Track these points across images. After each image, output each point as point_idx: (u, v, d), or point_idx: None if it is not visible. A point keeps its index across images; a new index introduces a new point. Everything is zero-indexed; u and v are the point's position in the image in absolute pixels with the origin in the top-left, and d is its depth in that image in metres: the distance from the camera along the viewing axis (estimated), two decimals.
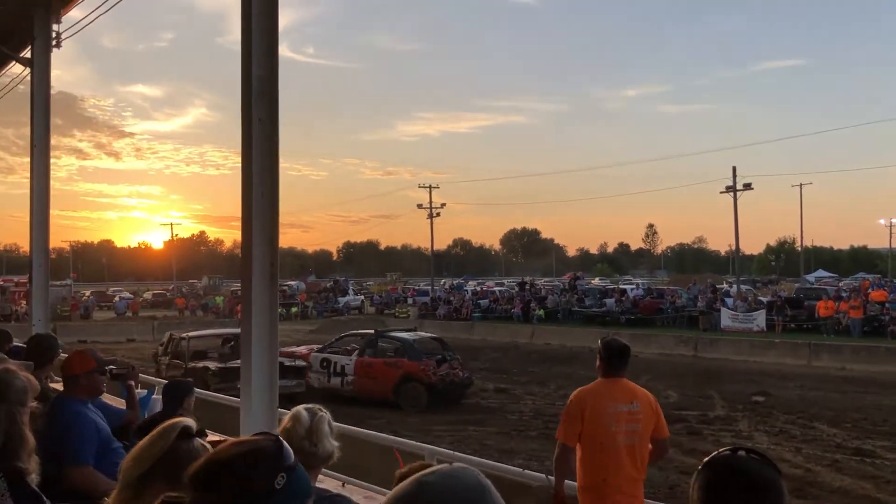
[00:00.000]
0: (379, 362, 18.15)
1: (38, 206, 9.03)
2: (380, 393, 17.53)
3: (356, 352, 18.76)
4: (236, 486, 1.52)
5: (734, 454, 1.60)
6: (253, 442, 1.60)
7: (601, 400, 4.63)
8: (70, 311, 44.96)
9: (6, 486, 2.40)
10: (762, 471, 1.55)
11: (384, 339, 19.40)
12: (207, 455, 1.59)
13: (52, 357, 4.89)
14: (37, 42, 8.86)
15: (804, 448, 13.12)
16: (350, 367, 18.16)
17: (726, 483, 1.55)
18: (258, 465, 1.54)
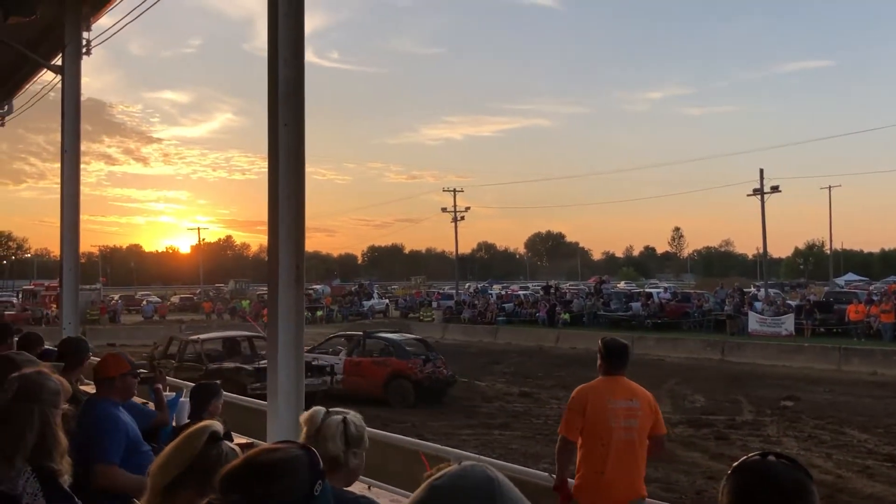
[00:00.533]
0: (367, 361, 19.03)
1: (69, 211, 9.16)
2: (369, 390, 18.20)
3: (343, 352, 19.69)
4: (283, 490, 1.55)
5: (764, 459, 1.56)
6: (287, 449, 1.63)
7: (601, 396, 4.80)
8: (98, 314, 45.53)
9: (39, 485, 2.44)
10: (793, 476, 1.52)
11: (372, 339, 20.33)
12: (246, 461, 1.60)
13: (82, 360, 4.95)
14: (67, 50, 9.00)
15: (834, 454, 12.92)
16: (339, 367, 18.83)
17: (756, 488, 1.51)
18: (300, 472, 1.58)
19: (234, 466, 1.61)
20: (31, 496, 2.43)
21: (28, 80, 11.64)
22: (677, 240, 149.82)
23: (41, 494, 2.44)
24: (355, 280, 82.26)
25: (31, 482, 2.44)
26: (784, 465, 1.54)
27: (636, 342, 31.65)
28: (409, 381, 18.29)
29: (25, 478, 2.44)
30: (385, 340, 20.10)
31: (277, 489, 1.54)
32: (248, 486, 1.55)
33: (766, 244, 46.10)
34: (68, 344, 5.22)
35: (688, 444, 13.78)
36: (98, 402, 3.95)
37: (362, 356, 19.36)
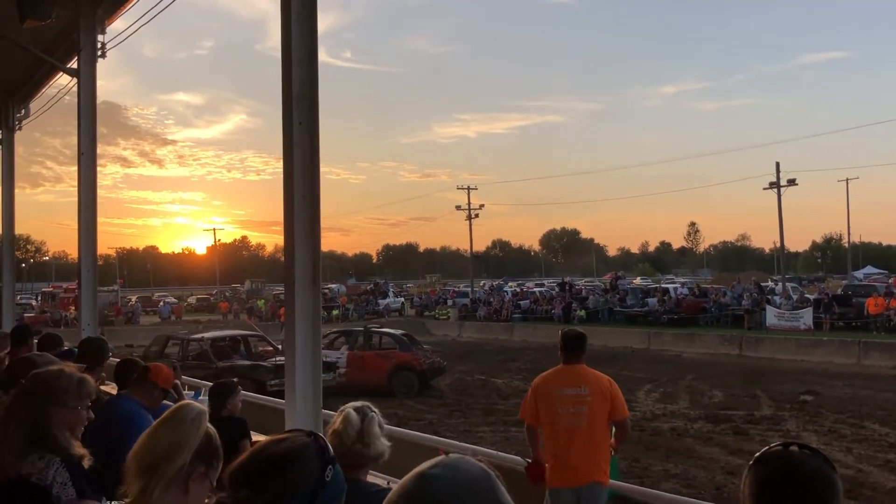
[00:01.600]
0: (371, 354, 20.03)
1: (86, 214, 9.21)
2: (373, 382, 18.88)
3: (344, 347, 20.43)
4: (293, 480, 1.54)
5: (786, 449, 1.55)
6: (294, 438, 1.61)
7: (549, 383, 5.26)
8: (114, 315, 45.86)
9: (68, 475, 2.49)
10: (815, 466, 1.51)
11: (374, 334, 21.40)
12: (253, 454, 1.58)
13: (102, 359, 4.99)
14: (83, 53, 9.05)
15: (855, 448, 12.82)
16: (342, 361, 19.62)
17: (778, 478, 1.50)
18: (309, 460, 1.56)
19: (241, 461, 1.59)
20: (60, 486, 2.47)
21: (44, 84, 11.73)
22: (693, 235, 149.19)
23: (70, 484, 2.48)
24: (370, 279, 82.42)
25: (60, 472, 2.49)
26: (807, 455, 1.53)
27: (653, 338, 31.60)
28: (413, 372, 19.42)
29: (55, 468, 2.49)
30: (387, 335, 21.27)
31: (287, 480, 1.53)
32: (258, 479, 1.53)
33: (783, 238, 45.82)
34: (88, 344, 5.27)
35: (706, 440, 13.71)
36: (125, 401, 3.96)
37: (365, 350, 20.26)
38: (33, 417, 2.56)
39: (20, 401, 2.62)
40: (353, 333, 21.54)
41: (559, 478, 5.08)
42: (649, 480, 10.37)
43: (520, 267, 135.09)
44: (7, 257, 14.09)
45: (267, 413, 7.89)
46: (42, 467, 2.49)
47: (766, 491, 1.51)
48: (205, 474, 1.98)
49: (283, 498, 1.52)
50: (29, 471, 2.47)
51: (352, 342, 20.67)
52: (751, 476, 1.54)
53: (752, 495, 1.52)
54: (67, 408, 2.65)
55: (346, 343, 20.85)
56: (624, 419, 5.28)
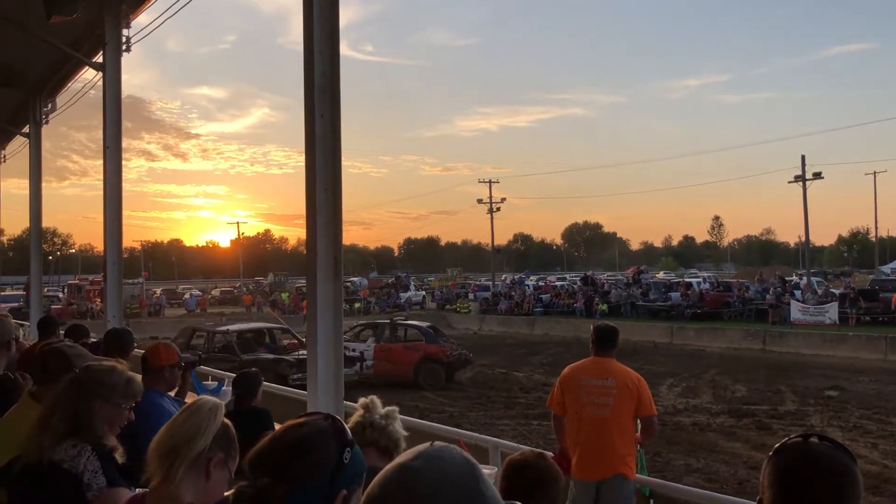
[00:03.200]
0: (398, 347, 20.13)
1: (111, 207, 9.30)
2: (400, 374, 19.07)
3: (371, 339, 20.46)
4: (311, 464, 1.55)
5: (806, 440, 1.54)
6: (312, 422, 1.63)
7: (577, 374, 5.31)
8: (139, 307, 46.35)
9: (98, 463, 2.55)
10: (835, 457, 1.50)
11: (400, 326, 21.45)
12: (272, 441, 1.60)
13: (127, 350, 5.04)
14: (108, 47, 9.14)
15: (881, 444, 12.69)
16: (369, 353, 19.68)
17: (797, 468, 1.50)
18: (328, 444, 1.57)
19: (260, 448, 1.59)
20: (91, 473, 2.53)
21: (70, 78, 11.86)
22: (717, 229, 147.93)
23: (101, 472, 2.54)
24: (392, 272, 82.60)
25: (91, 460, 2.55)
26: (827, 447, 1.52)
27: (675, 332, 31.43)
28: (439, 365, 19.52)
29: (86, 456, 2.55)
30: (413, 327, 21.50)
31: (306, 465, 1.53)
32: (277, 466, 1.54)
33: (808, 232, 45.27)
34: (114, 335, 5.32)
35: (729, 435, 13.63)
36: (147, 393, 3.98)
37: (392, 342, 20.29)
38: (77, 408, 2.63)
39: (68, 390, 2.68)
40: (380, 326, 21.62)
41: (582, 469, 5.10)
42: (671, 475, 10.34)
43: (542, 261, 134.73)
44: (34, 250, 14.29)
45: (289, 404, 7.94)
46: (74, 455, 2.55)
47: (785, 481, 1.50)
48: (224, 461, 2.07)
49: (303, 482, 1.53)
50: (62, 457, 2.54)
51: (378, 334, 20.75)
52: (770, 466, 1.54)
53: (771, 485, 1.52)
54: (111, 403, 2.71)
55: (373, 335, 20.92)
56: (651, 416, 5.26)
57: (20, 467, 2.60)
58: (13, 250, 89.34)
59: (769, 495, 1.52)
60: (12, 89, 12.29)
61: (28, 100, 12.90)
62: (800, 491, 1.48)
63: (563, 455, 5.27)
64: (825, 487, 1.47)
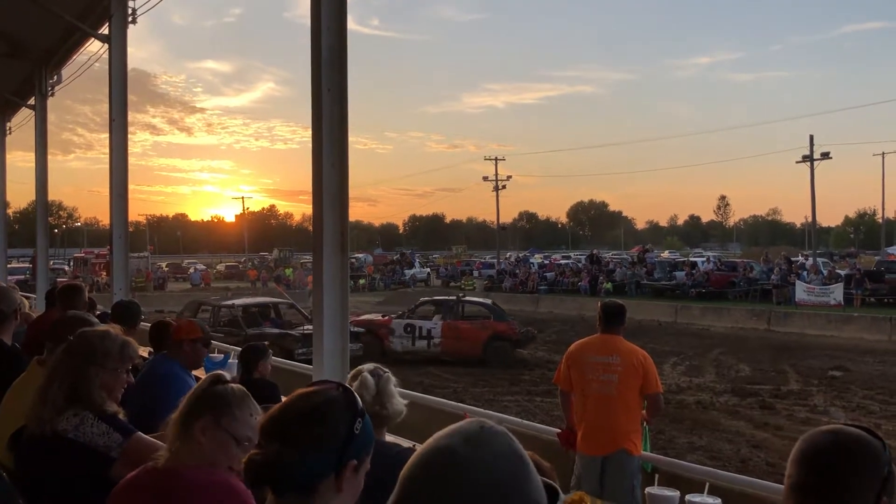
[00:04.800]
0: (466, 324, 20.19)
1: (117, 181, 9.31)
2: (468, 352, 19.30)
3: (438, 316, 20.48)
4: (323, 433, 1.56)
5: (840, 425, 1.57)
6: (324, 391, 1.63)
7: (583, 350, 5.35)
8: (144, 281, 46.50)
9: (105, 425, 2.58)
10: (859, 435, 1.52)
11: (466, 303, 21.58)
12: (283, 408, 1.60)
13: (135, 323, 5.07)
14: (114, 19, 9.10)
15: (884, 424, 12.70)
16: (437, 330, 19.79)
17: (821, 443, 1.52)
18: (338, 413, 1.58)
19: (272, 415, 1.60)
20: (104, 436, 2.57)
21: (76, 51, 11.81)
22: (723, 208, 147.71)
23: (113, 430, 2.57)
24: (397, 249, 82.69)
25: (97, 424, 2.57)
26: (857, 432, 1.54)
27: (680, 312, 31.42)
28: (508, 342, 19.67)
29: (90, 424, 2.57)
30: (480, 304, 21.89)
31: (317, 434, 1.54)
32: (288, 433, 1.55)
33: (815, 213, 45.07)
34: (121, 307, 5.36)
35: (732, 413, 13.67)
36: (164, 362, 4.01)
37: (459, 319, 20.40)
38: (74, 376, 2.64)
39: (64, 360, 2.70)
40: (446, 303, 21.56)
41: (587, 444, 5.15)
42: (674, 452, 10.39)
43: (547, 239, 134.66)
44: (41, 223, 14.32)
45: (294, 379, 7.98)
46: (77, 423, 2.56)
47: (807, 451, 1.53)
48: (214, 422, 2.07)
49: (315, 451, 1.54)
50: (65, 427, 2.55)
51: (445, 312, 20.72)
52: (798, 445, 1.56)
53: (794, 461, 1.54)
54: (107, 369, 2.72)
55: (439, 312, 20.91)
56: (656, 393, 5.30)
57: (25, 437, 2.62)
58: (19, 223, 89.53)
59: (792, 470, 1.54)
60: (18, 61, 12.25)
61: (34, 72, 12.86)
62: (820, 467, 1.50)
63: (569, 430, 5.35)
64: (845, 466, 1.48)
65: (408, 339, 19.77)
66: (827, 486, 1.48)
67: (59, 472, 2.52)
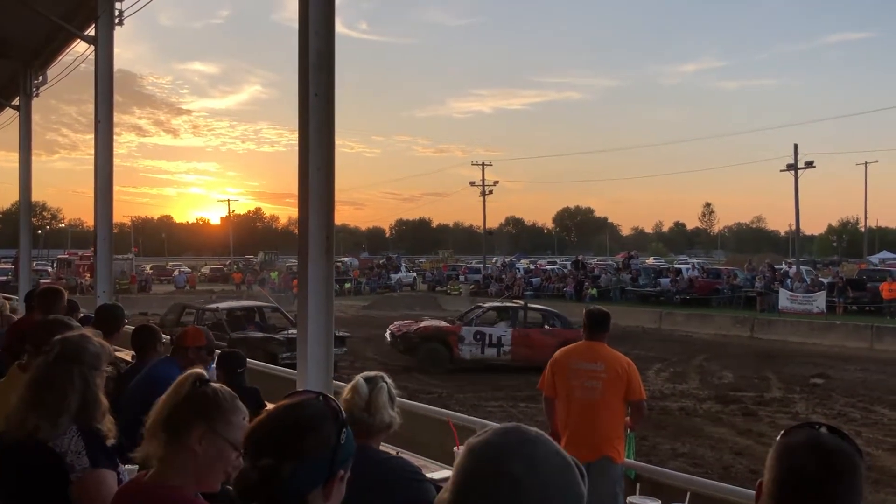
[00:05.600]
0: (536, 331, 19.89)
1: (102, 181, 9.24)
2: (538, 359, 19.01)
3: (504, 323, 20.25)
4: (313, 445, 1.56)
5: (812, 428, 1.54)
6: (307, 402, 1.62)
7: (567, 357, 5.39)
8: (129, 283, 46.16)
9: (83, 444, 2.51)
10: (837, 445, 1.50)
11: (532, 310, 21.26)
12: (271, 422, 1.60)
13: (118, 326, 5.04)
14: (100, 20, 9.04)
15: (864, 431, 12.81)
16: (507, 338, 19.48)
17: (798, 450, 1.50)
18: (326, 424, 1.59)
19: (260, 429, 1.60)
20: (74, 454, 2.49)
21: (62, 51, 11.74)
22: (708, 216, 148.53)
23: (85, 453, 2.50)
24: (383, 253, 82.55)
25: (75, 440, 2.52)
26: (831, 436, 1.52)
27: (664, 318, 31.55)
28: None
29: (70, 436, 2.52)
30: (547, 311, 21.67)
31: (309, 446, 1.55)
32: (280, 446, 1.55)
33: (798, 221, 45.56)
34: (104, 311, 5.32)
35: (715, 420, 13.74)
36: (167, 365, 4.01)
37: (527, 327, 20.10)
38: (60, 382, 2.59)
39: (52, 365, 2.65)
40: (512, 310, 21.09)
41: (571, 451, 5.03)
42: (657, 459, 10.42)
43: (533, 244, 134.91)
44: (24, 223, 14.23)
45: (278, 383, 7.94)
46: (60, 433, 2.52)
47: (784, 459, 1.51)
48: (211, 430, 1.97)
49: (307, 463, 1.54)
50: (46, 436, 2.50)
51: (513, 318, 20.36)
52: (774, 450, 1.54)
53: (771, 468, 1.52)
54: (98, 372, 2.69)
55: (505, 319, 20.55)
56: (640, 400, 5.33)
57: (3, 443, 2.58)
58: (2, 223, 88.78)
59: (768, 477, 1.53)
60: (3, 60, 12.18)
61: (18, 72, 12.77)
62: (797, 474, 1.48)
63: (553, 437, 5.29)
64: (823, 473, 1.47)
65: (477, 347, 19.48)
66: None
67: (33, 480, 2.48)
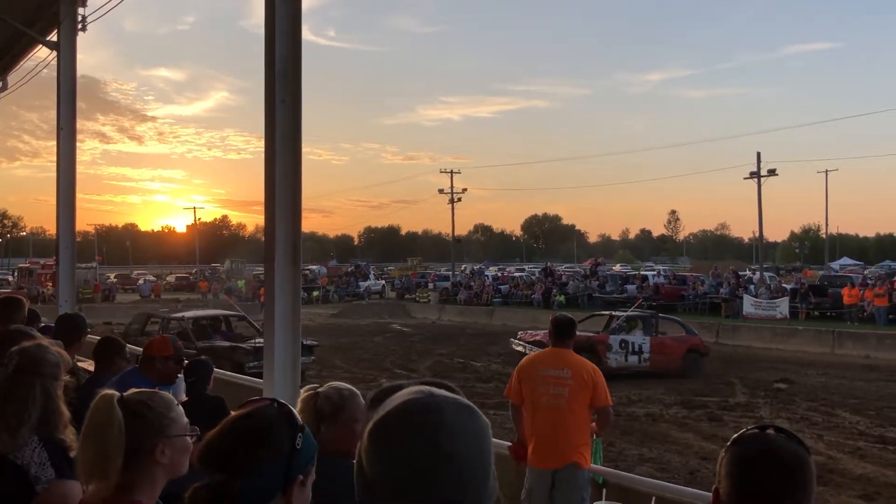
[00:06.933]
0: (669, 339, 20.71)
1: (65, 190, 9.11)
2: (670, 366, 19.87)
3: (639, 332, 20.84)
4: (265, 455, 1.54)
5: (763, 431, 1.57)
6: (260, 411, 1.61)
7: (534, 364, 5.43)
8: (92, 292, 45.46)
9: (47, 455, 2.47)
10: (790, 448, 1.53)
11: (662, 319, 22.12)
12: (223, 435, 1.58)
13: (80, 336, 4.95)
14: (63, 25, 8.93)
15: (826, 435, 13.02)
16: (646, 346, 20.13)
17: (754, 458, 1.52)
18: (279, 431, 1.57)
19: (210, 443, 1.58)
20: (38, 466, 2.45)
21: (23, 57, 11.54)
22: (673, 223, 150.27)
23: (49, 464, 2.46)
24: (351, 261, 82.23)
25: (38, 452, 2.47)
26: (782, 438, 1.55)
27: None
28: (700, 355, 20.52)
29: (32, 447, 2.47)
30: (673, 319, 22.69)
31: (261, 457, 1.53)
32: (231, 461, 1.53)
33: (762, 228, 46.29)
34: (65, 321, 5.23)
35: (681, 426, 13.87)
36: (134, 377, 3.95)
37: (661, 335, 20.80)
38: (22, 393, 2.55)
39: (13, 377, 2.60)
40: (646, 319, 21.71)
41: (538, 458, 5.17)
42: (624, 464, 10.49)
43: (501, 251, 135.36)
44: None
45: (245, 393, 7.88)
46: (21, 445, 2.47)
47: (742, 470, 1.53)
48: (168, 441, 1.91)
49: (260, 475, 1.53)
50: (6, 448, 2.46)
51: (647, 327, 21.07)
52: (727, 456, 1.56)
53: (729, 474, 1.54)
54: (59, 382, 2.65)
55: (638, 328, 21.17)
56: (606, 406, 5.36)
57: None
58: None
59: (726, 484, 1.54)
60: None
61: None
62: (756, 480, 1.51)
63: (520, 444, 5.35)
64: (780, 477, 1.50)
65: (622, 355, 20.01)
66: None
67: None
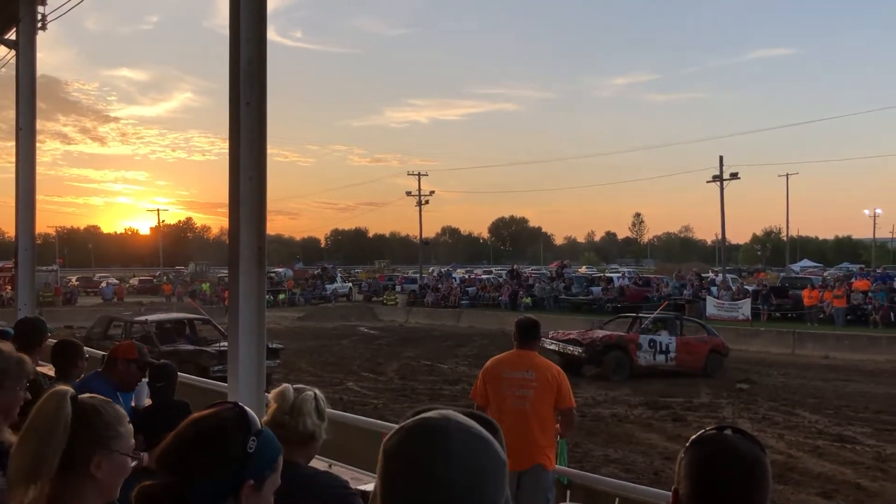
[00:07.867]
0: (693, 339, 21.39)
1: (24, 191, 8.96)
2: (694, 365, 20.48)
3: (665, 332, 21.27)
4: (213, 458, 1.53)
5: (720, 432, 1.60)
6: (215, 414, 1.60)
7: (499, 366, 5.44)
8: (53, 296, 44.66)
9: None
10: (748, 448, 1.56)
11: (686, 320, 23.44)
12: (174, 437, 1.58)
13: (40, 340, 4.87)
14: (22, 24, 8.77)
15: (786, 434, 13.26)
16: (673, 345, 20.60)
17: (713, 459, 1.54)
18: (229, 435, 1.56)
19: (165, 445, 1.57)
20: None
21: None
22: (638, 225, 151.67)
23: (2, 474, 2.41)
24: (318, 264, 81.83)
25: None
26: (740, 438, 1.57)
27: (596, 326, 32.04)
28: (721, 355, 21.11)
29: None
30: (696, 321, 23.78)
31: (207, 459, 1.52)
32: (179, 462, 1.53)
33: (724, 230, 46.83)
34: (25, 324, 5.13)
35: (646, 426, 14.02)
36: (95, 381, 3.90)
37: (684, 335, 21.37)
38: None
39: None
40: (670, 320, 22.21)
41: None
42: (589, 465, 10.58)
43: (469, 254, 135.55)
44: None
45: (209, 397, 7.79)
46: None
47: (700, 471, 1.55)
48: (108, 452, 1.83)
49: (206, 476, 1.52)
50: None
51: (672, 327, 21.47)
52: (686, 457, 1.58)
53: (688, 475, 1.56)
54: (6, 388, 2.59)
55: (664, 328, 21.52)
56: (569, 408, 5.40)
57: None
58: None
59: (685, 485, 1.56)
60: None
61: None
62: (715, 480, 1.53)
63: None
64: (739, 477, 1.52)
65: (651, 354, 20.48)
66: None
67: None
